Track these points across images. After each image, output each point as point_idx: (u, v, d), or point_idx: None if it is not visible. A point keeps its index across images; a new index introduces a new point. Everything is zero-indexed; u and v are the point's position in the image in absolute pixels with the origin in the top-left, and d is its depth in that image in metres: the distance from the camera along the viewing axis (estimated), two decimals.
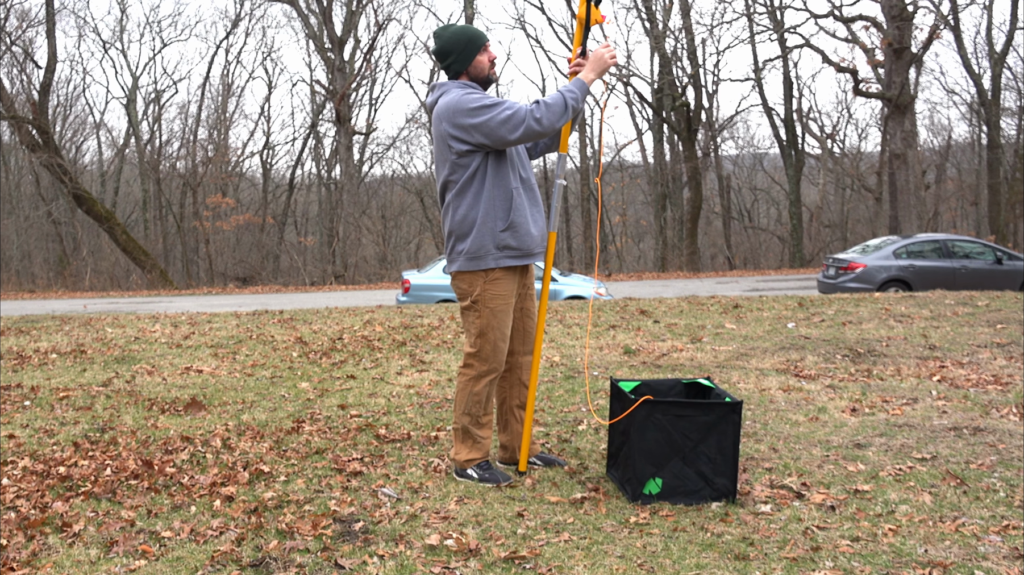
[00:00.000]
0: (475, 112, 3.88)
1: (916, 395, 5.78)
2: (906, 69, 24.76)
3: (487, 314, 4.04)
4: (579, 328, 9.27)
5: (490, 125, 3.86)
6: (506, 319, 4.08)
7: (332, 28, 32.47)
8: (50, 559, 3.31)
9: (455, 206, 4.04)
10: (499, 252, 4.00)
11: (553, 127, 3.89)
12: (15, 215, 37.51)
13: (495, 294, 4.04)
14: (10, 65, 34.94)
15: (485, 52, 4.09)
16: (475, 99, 3.91)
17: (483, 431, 4.20)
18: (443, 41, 4.07)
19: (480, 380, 4.12)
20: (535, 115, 3.84)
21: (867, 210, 39.38)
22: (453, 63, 4.06)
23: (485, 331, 4.05)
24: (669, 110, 34.34)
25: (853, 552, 3.24)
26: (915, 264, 16.02)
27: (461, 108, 3.91)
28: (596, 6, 4.10)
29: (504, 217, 3.99)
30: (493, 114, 3.86)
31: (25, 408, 5.95)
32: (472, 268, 4.03)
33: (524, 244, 4.04)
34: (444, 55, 4.06)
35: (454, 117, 3.92)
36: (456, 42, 4.04)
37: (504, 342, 4.09)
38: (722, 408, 3.81)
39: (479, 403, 4.14)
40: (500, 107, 3.87)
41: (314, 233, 42.48)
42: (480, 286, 4.04)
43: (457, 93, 3.98)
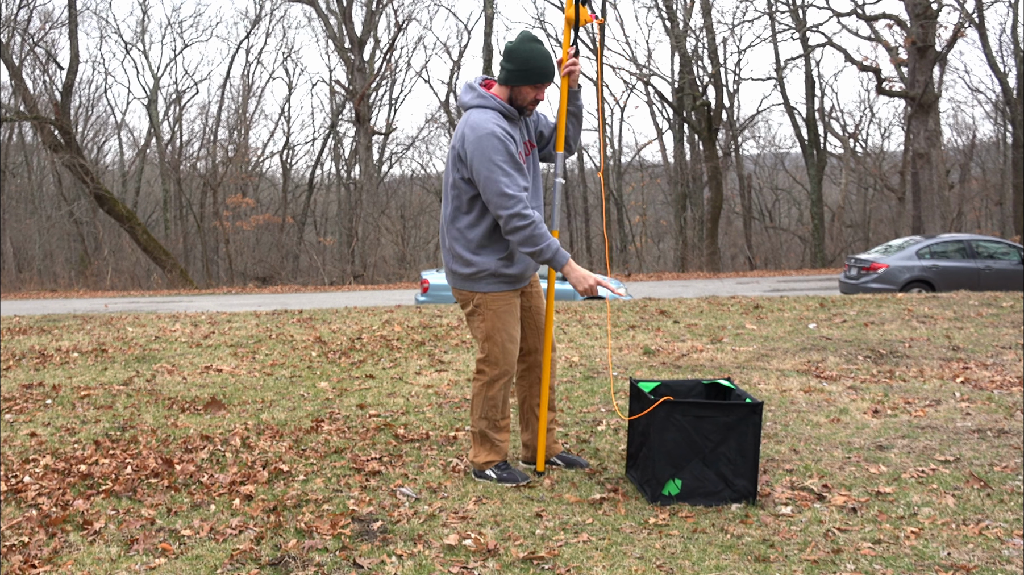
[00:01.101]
0: (493, 177, 3.83)
1: (939, 397, 5.72)
2: (930, 68, 24.55)
3: (491, 316, 4.04)
4: (598, 328, 9.24)
5: (491, 191, 3.83)
6: (511, 319, 4.07)
7: (352, 28, 32.58)
8: (71, 557, 3.33)
9: (457, 222, 4.03)
10: (494, 278, 4.02)
11: (524, 246, 3.85)
12: (37, 215, 37.84)
13: (496, 297, 4.05)
14: (33, 66, 35.35)
15: (536, 89, 3.96)
16: (500, 156, 3.83)
17: (500, 435, 4.19)
18: (517, 48, 3.92)
19: (494, 384, 4.11)
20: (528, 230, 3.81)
21: (890, 210, 39.10)
22: (511, 73, 3.93)
23: (491, 334, 4.05)
24: (690, 109, 34.21)
25: (875, 555, 3.21)
26: (938, 264, 15.87)
27: (484, 152, 3.83)
28: (584, 5, 4.08)
29: (505, 246, 4.01)
30: (501, 188, 3.81)
31: (47, 406, 6.00)
32: (468, 289, 4.07)
33: (519, 271, 4.07)
34: (507, 58, 3.93)
35: (476, 155, 3.85)
36: (524, 59, 3.91)
37: (512, 343, 4.08)
38: (742, 409, 3.79)
39: (495, 407, 4.13)
40: (511, 186, 3.83)
41: (333, 233, 42.60)
42: (477, 298, 4.06)
43: (492, 132, 3.85)
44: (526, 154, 4.09)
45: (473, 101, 3.99)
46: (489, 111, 3.94)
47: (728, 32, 34.94)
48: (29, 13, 34.47)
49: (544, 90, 3.99)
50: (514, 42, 3.94)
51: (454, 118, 39.91)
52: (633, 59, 38.32)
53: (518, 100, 3.99)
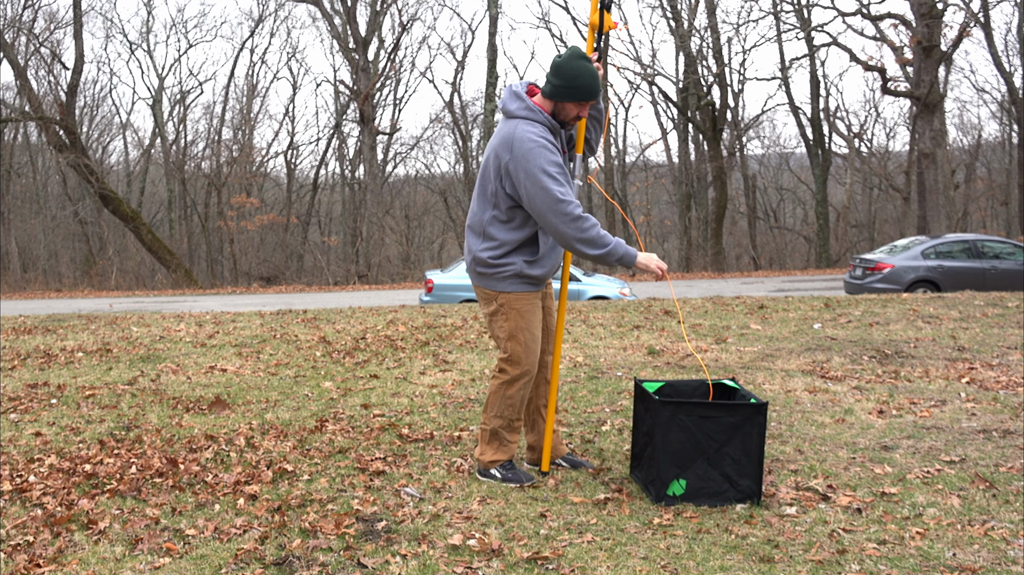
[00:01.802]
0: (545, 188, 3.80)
1: (944, 397, 5.71)
2: (935, 67, 24.51)
3: (515, 316, 4.03)
4: (603, 328, 9.23)
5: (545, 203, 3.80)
6: (534, 319, 4.07)
7: (356, 28, 32.60)
8: (76, 556, 3.34)
9: (492, 227, 4.00)
10: (519, 279, 4.02)
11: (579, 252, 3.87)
12: (42, 215, 37.92)
13: (519, 297, 4.04)
14: (38, 66, 35.41)
15: (581, 107, 3.94)
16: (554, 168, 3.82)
17: (513, 435, 4.19)
18: (565, 64, 3.86)
19: (514, 384, 4.09)
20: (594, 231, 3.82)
21: (895, 210, 39.04)
22: (558, 88, 3.88)
23: (515, 333, 4.04)
24: (694, 109, 34.19)
25: (880, 555, 3.21)
26: (944, 265, 15.84)
27: (536, 164, 3.81)
28: (608, 12, 4.08)
29: (535, 251, 4.02)
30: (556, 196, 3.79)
31: (52, 406, 6.01)
32: (492, 288, 4.06)
33: (543, 275, 4.08)
34: (555, 73, 3.88)
35: (522, 166, 3.83)
36: (572, 76, 3.85)
37: (535, 343, 4.07)
38: (747, 409, 3.78)
39: (513, 407, 4.12)
40: (567, 195, 3.81)
41: (338, 233, 42.64)
42: (501, 296, 4.06)
43: (538, 141, 3.84)
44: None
45: (520, 112, 3.95)
46: (537, 125, 3.91)
47: (733, 32, 35.06)
48: (34, 13, 34.60)
49: (587, 108, 3.96)
50: (562, 58, 3.89)
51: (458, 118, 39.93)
52: (637, 59, 38.33)
53: (561, 115, 3.96)
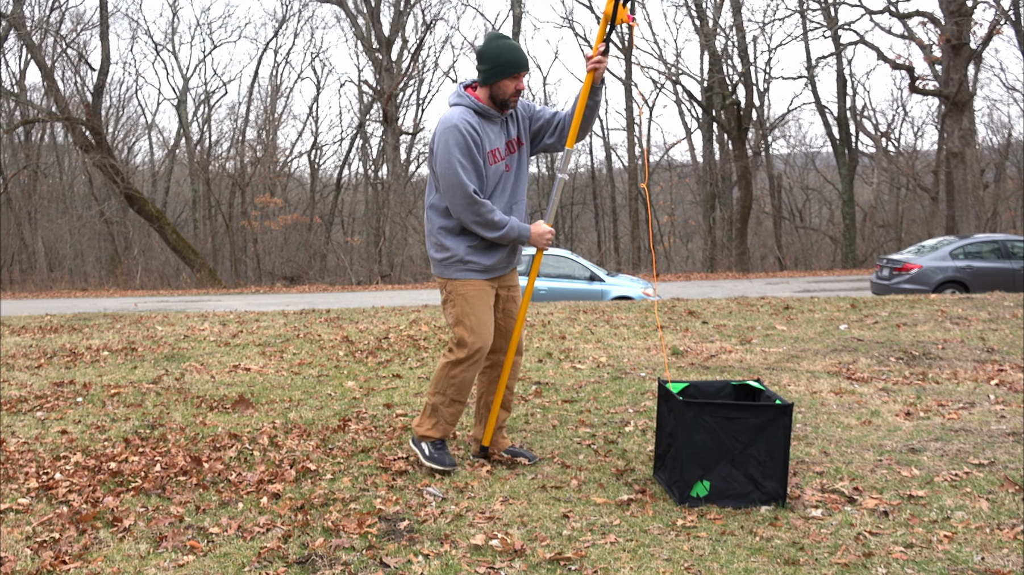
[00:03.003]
0: (451, 167, 3.99)
1: (973, 399, 5.63)
2: (964, 66, 24.23)
3: (460, 302, 4.18)
4: (626, 329, 9.20)
5: (448, 181, 4.00)
6: (480, 305, 4.18)
7: (380, 28, 32.69)
8: (101, 553, 3.35)
9: (435, 214, 4.19)
10: (463, 265, 4.16)
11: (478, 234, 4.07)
12: (69, 215, 38.31)
13: (465, 283, 4.19)
14: (65, 67, 35.79)
15: (515, 80, 4.06)
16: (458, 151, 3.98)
17: (451, 412, 4.32)
18: (486, 48, 4.06)
19: (459, 364, 4.23)
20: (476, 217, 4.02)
21: (923, 210, 38.65)
22: (485, 72, 4.07)
23: (460, 318, 4.19)
24: (719, 109, 34.01)
25: (907, 559, 3.16)
26: (972, 265, 15.65)
27: (446, 144, 4.00)
28: (624, 6, 4.05)
29: (475, 240, 4.14)
30: (459, 178, 3.97)
31: (77, 404, 6.06)
32: (440, 275, 4.24)
33: (490, 263, 4.18)
34: (479, 59, 4.09)
35: (440, 151, 4.02)
36: (495, 56, 4.03)
37: (483, 327, 4.18)
38: (772, 411, 3.75)
39: (455, 386, 4.27)
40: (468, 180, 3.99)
41: (361, 233, 42.78)
42: (450, 283, 4.21)
43: (456, 125, 4.01)
44: (509, 152, 4.20)
45: (451, 100, 4.17)
46: (460, 107, 4.09)
47: (758, 30, 34.73)
48: (61, 15, 35.00)
49: (522, 79, 4.09)
50: (482, 44, 4.08)
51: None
52: (662, 58, 38.20)
53: (500, 95, 4.09)
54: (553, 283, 15.67)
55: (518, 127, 4.25)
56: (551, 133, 4.29)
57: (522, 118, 4.27)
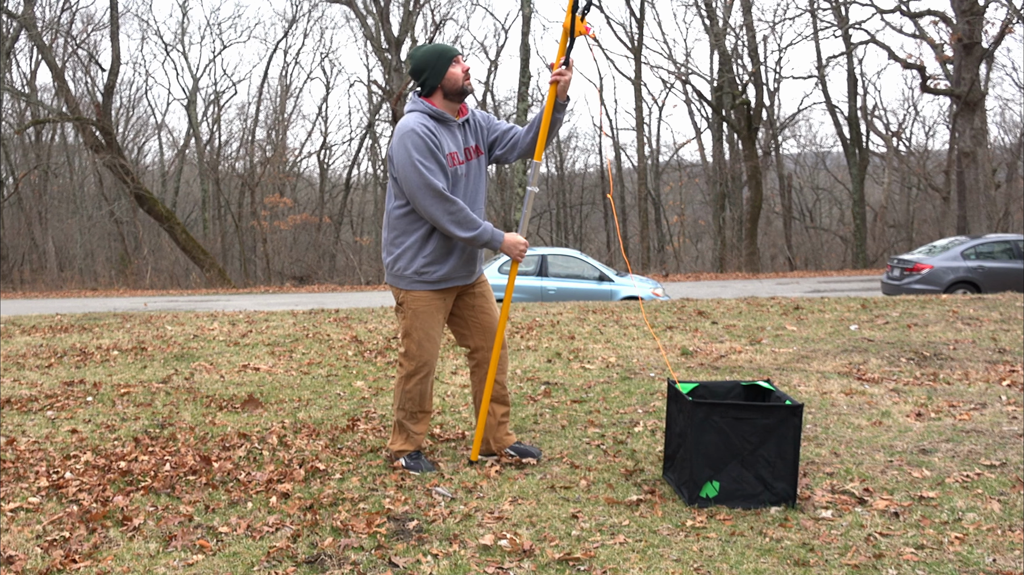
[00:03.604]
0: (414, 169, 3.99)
1: (985, 400, 5.60)
2: (976, 65, 24.12)
3: (410, 315, 4.24)
4: (635, 329, 9.18)
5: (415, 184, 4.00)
6: (430, 320, 4.24)
7: (389, 28, 32.71)
8: (111, 552, 3.36)
9: (391, 224, 4.22)
10: (416, 277, 4.19)
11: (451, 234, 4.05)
12: (79, 214, 38.47)
13: (416, 297, 4.22)
14: (75, 68, 35.95)
15: (457, 64, 4.14)
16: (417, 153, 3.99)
17: (417, 426, 4.40)
18: (416, 60, 4.14)
19: (410, 379, 4.30)
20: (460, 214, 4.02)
21: (934, 210, 38.49)
22: (428, 78, 4.13)
23: (409, 331, 4.25)
24: (729, 108, 33.94)
25: (917, 560, 3.15)
26: (984, 265, 15.58)
27: (405, 148, 4.01)
28: (582, 19, 4.08)
29: (427, 251, 4.16)
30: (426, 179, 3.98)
31: (88, 404, 6.08)
32: (393, 284, 4.27)
33: (441, 274, 4.20)
34: (418, 72, 4.15)
35: (399, 154, 4.03)
36: (427, 59, 4.11)
37: (430, 342, 4.26)
38: (782, 411, 3.73)
39: (412, 400, 4.34)
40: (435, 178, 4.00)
41: (370, 232, 42.83)
42: (402, 294, 4.24)
43: (412, 128, 4.03)
44: (467, 159, 4.22)
45: (407, 108, 4.21)
46: (415, 113, 4.13)
47: (769, 30, 34.63)
48: (72, 16, 35.14)
49: (462, 60, 4.15)
50: (411, 63, 4.16)
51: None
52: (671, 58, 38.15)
53: (453, 85, 4.13)
54: (562, 283, 15.66)
55: (476, 136, 4.29)
56: (502, 145, 4.35)
57: (480, 128, 4.32)
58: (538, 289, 15.60)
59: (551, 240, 44.25)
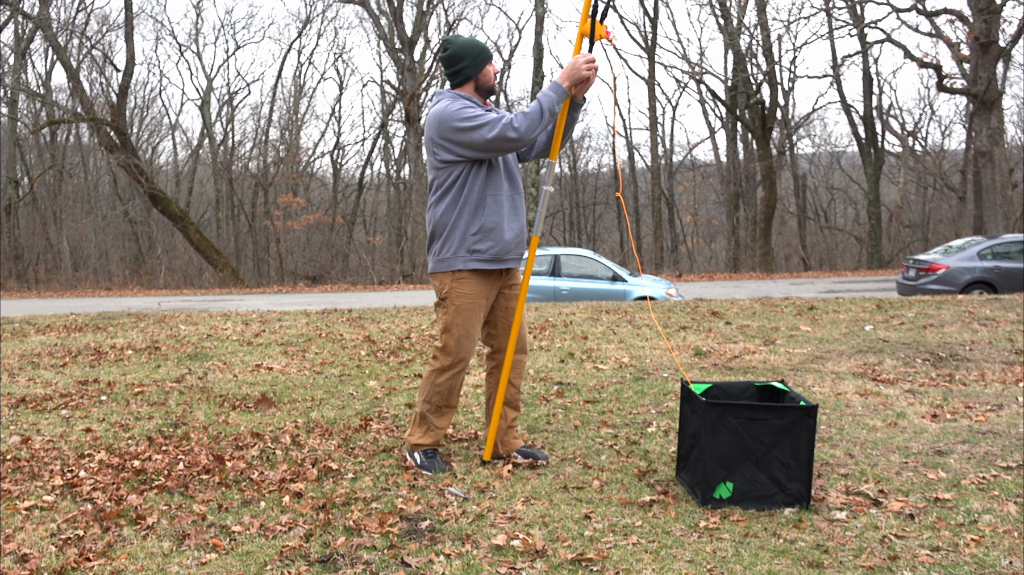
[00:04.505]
0: (463, 130, 4.01)
1: (1001, 401, 5.56)
2: (993, 64, 23.97)
3: (453, 311, 4.19)
4: (648, 329, 9.16)
5: (473, 138, 4.00)
6: (472, 317, 4.21)
7: (403, 29, 32.75)
8: (124, 550, 3.37)
9: (435, 209, 4.21)
10: (468, 255, 4.15)
11: (532, 133, 4.00)
12: (93, 214, 38.67)
13: (461, 292, 4.18)
14: (90, 68, 36.13)
15: (491, 65, 4.24)
16: (465, 115, 4.04)
17: (440, 421, 4.39)
18: (456, 47, 4.18)
19: (444, 373, 4.27)
20: (513, 124, 3.97)
21: (950, 210, 38.25)
22: (466, 67, 4.18)
23: (449, 327, 4.21)
24: (743, 108, 33.83)
25: (933, 562, 3.12)
26: (1001, 266, 15.46)
27: (450, 122, 4.04)
28: (601, 22, 4.07)
29: (477, 222, 4.13)
30: (480, 131, 3.99)
31: (102, 403, 6.10)
32: (442, 269, 4.21)
33: (494, 250, 4.17)
34: (456, 60, 4.18)
35: (442, 128, 4.08)
36: (468, 49, 4.17)
37: (469, 339, 4.23)
38: (796, 412, 3.71)
39: (440, 394, 4.32)
40: (484, 121, 4.00)
41: (383, 232, 42.94)
42: (448, 284, 4.19)
43: (449, 104, 4.10)
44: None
45: (436, 99, 4.25)
46: (449, 95, 4.18)
47: (783, 29, 34.53)
48: (87, 16, 35.33)
49: (494, 63, 4.26)
50: (450, 48, 4.18)
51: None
52: (685, 57, 38.07)
53: (485, 83, 4.22)
54: (575, 283, 15.64)
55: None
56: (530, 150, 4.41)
57: None
58: (551, 289, 15.59)
59: (564, 240, 44.23)
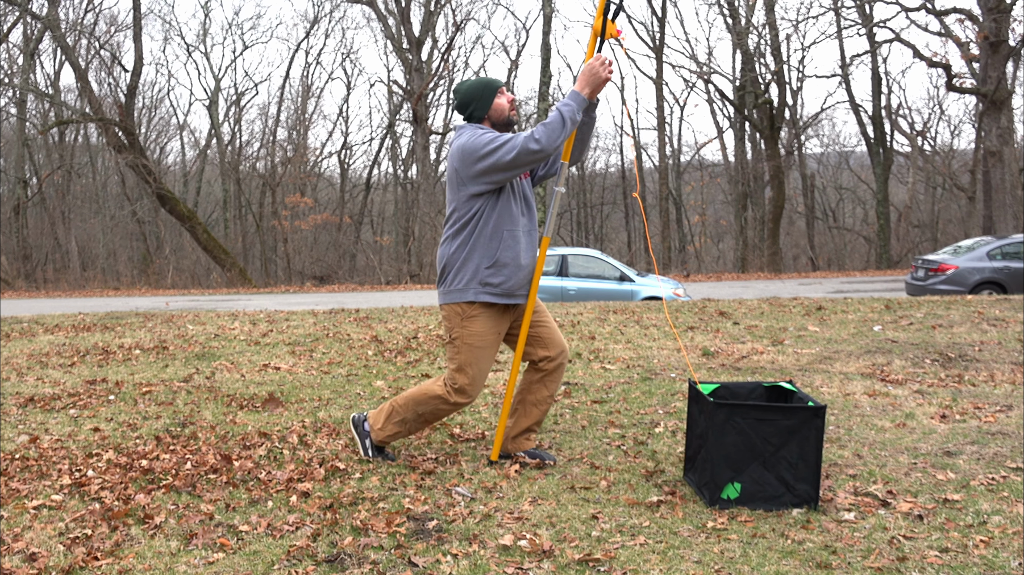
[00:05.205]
0: (486, 155, 3.98)
1: (1011, 402, 5.53)
2: (1003, 63, 23.88)
3: (466, 350, 4.17)
4: (656, 329, 9.15)
5: (497, 158, 3.96)
6: (486, 355, 4.19)
7: (410, 29, 32.79)
8: (132, 550, 3.38)
9: (451, 243, 4.17)
10: (480, 287, 4.11)
11: (554, 144, 3.95)
12: (101, 214, 38.78)
13: (473, 332, 4.15)
14: (98, 68, 36.23)
15: (502, 95, 4.20)
16: (485, 139, 4.02)
17: (415, 430, 4.42)
18: (461, 95, 4.20)
19: (452, 405, 4.26)
20: (534, 136, 3.93)
21: (959, 210, 38.11)
22: (475, 110, 4.19)
23: (464, 367, 4.19)
24: (751, 108, 33.76)
25: (942, 563, 3.11)
26: (1010, 266, 15.39)
27: (473, 151, 4.01)
28: (612, 20, 4.06)
29: (491, 255, 4.10)
30: (501, 151, 3.96)
31: (110, 402, 6.12)
32: (453, 300, 4.16)
33: (506, 284, 4.13)
34: (465, 106, 4.20)
35: (466, 158, 4.04)
36: (472, 91, 4.18)
37: (483, 377, 4.22)
38: (804, 412, 3.70)
39: (433, 414, 4.33)
40: (504, 140, 3.98)
41: (390, 232, 42.96)
42: (459, 323, 4.15)
43: (469, 135, 4.08)
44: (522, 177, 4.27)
45: (456, 134, 4.22)
46: (467, 129, 4.15)
47: (792, 29, 34.43)
48: (95, 17, 35.42)
49: (506, 91, 4.23)
50: (457, 98, 4.22)
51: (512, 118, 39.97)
52: (693, 57, 38.00)
53: (500, 116, 4.20)
54: (583, 283, 15.63)
55: None
56: (544, 165, 4.37)
57: None
58: (559, 289, 15.58)
59: (572, 240, 44.21)
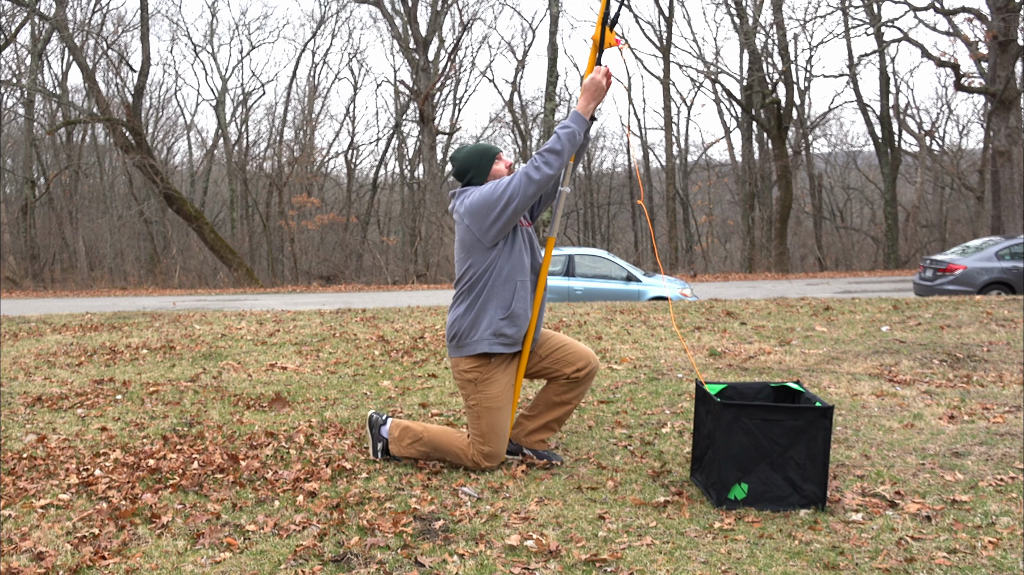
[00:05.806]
0: (495, 198, 3.99)
1: (1019, 403, 5.51)
2: (1012, 62, 23.80)
3: (487, 415, 4.20)
4: (663, 329, 9.13)
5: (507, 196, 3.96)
6: (506, 413, 4.22)
7: (417, 28, 32.80)
8: (139, 549, 3.38)
9: (466, 296, 4.16)
10: (493, 338, 4.11)
11: (556, 164, 3.96)
12: (109, 214, 38.84)
13: (490, 396, 4.17)
14: (106, 68, 36.32)
15: (500, 161, 4.21)
16: (489, 190, 4.02)
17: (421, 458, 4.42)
18: (459, 162, 4.22)
19: (480, 462, 4.25)
20: (534, 164, 3.96)
21: (968, 210, 37.99)
22: (473, 177, 4.20)
23: (488, 434, 4.20)
24: (759, 107, 33.69)
25: (950, 565, 3.10)
26: (1019, 266, 15.34)
27: (484, 202, 4.01)
28: (611, 29, 4.06)
29: (506, 307, 4.11)
30: (507, 187, 3.97)
31: (117, 402, 6.13)
32: (465, 354, 4.16)
33: (517, 334, 4.15)
34: (463, 173, 4.23)
35: (480, 211, 4.02)
36: (470, 159, 4.19)
37: (507, 433, 4.24)
38: (812, 413, 3.69)
39: (455, 462, 4.33)
40: (508, 180, 4.00)
41: (397, 232, 42.96)
42: (474, 390, 4.17)
43: (476, 192, 4.09)
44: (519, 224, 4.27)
45: (459, 196, 4.21)
46: (474, 192, 4.13)
47: (799, 28, 34.37)
48: (102, 17, 35.53)
49: (503, 158, 4.23)
50: (455, 165, 4.22)
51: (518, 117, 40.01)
52: (700, 56, 37.98)
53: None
54: (590, 283, 15.62)
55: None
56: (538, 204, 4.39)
57: None
58: (565, 289, 15.57)
59: (578, 240, 44.19)
